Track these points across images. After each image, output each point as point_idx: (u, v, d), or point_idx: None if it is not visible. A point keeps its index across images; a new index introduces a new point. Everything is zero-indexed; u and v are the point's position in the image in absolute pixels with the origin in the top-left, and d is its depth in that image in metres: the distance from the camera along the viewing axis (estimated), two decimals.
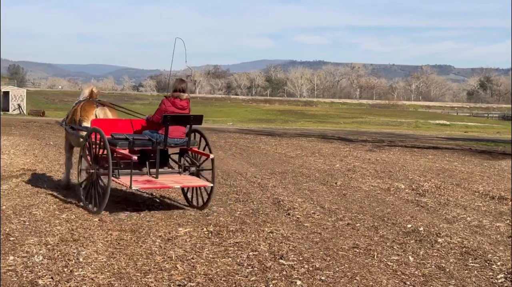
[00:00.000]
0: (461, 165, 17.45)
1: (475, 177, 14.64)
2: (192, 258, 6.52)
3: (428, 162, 18.28)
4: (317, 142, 26.20)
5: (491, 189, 12.36)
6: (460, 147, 25.31)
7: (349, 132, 39.30)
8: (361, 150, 22.23)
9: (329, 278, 6.03)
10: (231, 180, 12.97)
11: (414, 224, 8.80)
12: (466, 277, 6.26)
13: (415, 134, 38.69)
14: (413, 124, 59.18)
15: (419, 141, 29.09)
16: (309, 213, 9.52)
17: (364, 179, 13.78)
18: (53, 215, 8.56)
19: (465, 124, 61.60)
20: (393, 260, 6.83)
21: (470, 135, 40.46)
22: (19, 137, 23.26)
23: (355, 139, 28.83)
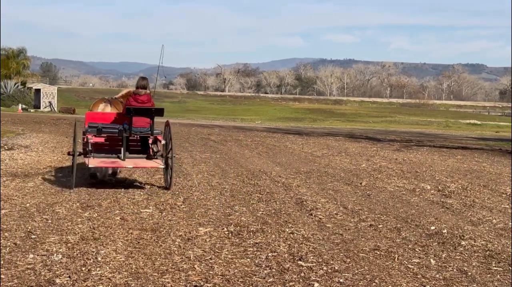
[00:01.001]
0: (489, 166, 17.21)
1: (503, 178, 14.42)
2: (211, 258, 6.50)
3: (456, 162, 18.07)
4: (345, 141, 26.09)
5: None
6: (490, 148, 25.00)
7: (378, 131, 39.05)
8: (388, 149, 22.07)
9: (348, 280, 5.96)
10: (255, 179, 12.95)
11: (437, 226, 8.69)
12: (488, 281, 6.15)
13: (444, 134, 38.30)
14: (443, 123, 58.54)
15: (448, 141, 28.79)
16: (332, 213, 9.45)
17: (390, 179, 13.66)
18: (75, 213, 8.61)
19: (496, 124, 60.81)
20: (414, 263, 6.73)
21: (501, 135, 39.90)
22: (48, 134, 23.57)
23: (383, 139, 28.64)
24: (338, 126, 47.90)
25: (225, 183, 12.27)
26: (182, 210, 9.19)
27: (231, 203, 9.97)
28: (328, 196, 11.20)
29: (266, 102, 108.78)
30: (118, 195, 10.21)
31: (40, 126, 28.82)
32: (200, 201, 10.08)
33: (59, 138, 21.90)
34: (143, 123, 11.16)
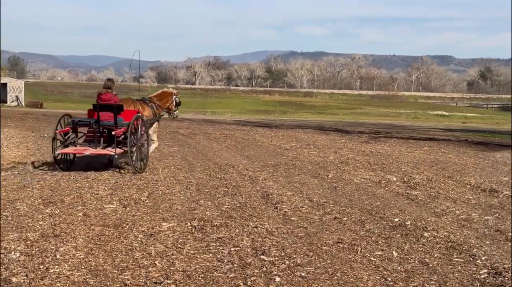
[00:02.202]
0: (455, 157, 17.38)
1: (468, 169, 14.57)
2: (172, 254, 6.44)
3: (422, 154, 18.22)
4: (314, 134, 26.16)
5: (482, 182, 12.29)
6: (456, 139, 25.25)
7: (347, 123, 39.23)
8: (356, 142, 22.17)
9: (309, 274, 5.95)
10: (222, 173, 12.90)
11: (401, 218, 8.73)
12: (449, 273, 6.18)
13: (413, 125, 38.62)
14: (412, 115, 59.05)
15: (416, 133, 29.03)
16: (297, 206, 9.44)
17: (357, 171, 13.71)
18: (37, 209, 8.48)
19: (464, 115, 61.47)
20: (377, 255, 6.75)
21: (468, 126, 40.36)
22: (14, 129, 23.20)
23: (352, 131, 28.77)
24: (308, 119, 48.01)
25: (191, 177, 12.20)
26: (146, 205, 9.11)
27: (197, 198, 9.91)
28: (294, 189, 11.19)
29: (237, 95, 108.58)
30: (82, 190, 10.07)
31: (6, 121, 28.40)
32: (165, 195, 10.00)
33: (25, 133, 21.58)
34: (107, 117, 12.78)
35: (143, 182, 11.19)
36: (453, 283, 5.86)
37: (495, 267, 6.33)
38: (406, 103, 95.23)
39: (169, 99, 15.56)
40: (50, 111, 41.14)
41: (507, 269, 6.19)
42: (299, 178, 12.62)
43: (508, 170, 14.77)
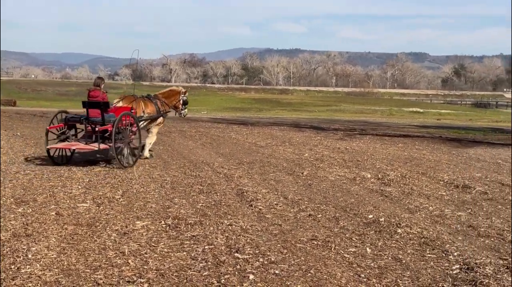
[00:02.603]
0: (429, 154, 17.51)
1: (442, 165, 14.69)
2: (146, 253, 6.41)
3: (397, 150, 18.32)
4: (289, 131, 26.17)
5: (456, 178, 12.40)
6: (431, 135, 25.43)
7: (323, 120, 39.32)
8: (332, 139, 22.23)
9: (283, 271, 5.96)
10: (197, 171, 12.86)
11: (375, 214, 8.77)
12: (422, 269, 6.23)
13: (388, 122, 38.81)
14: (387, 112, 59.36)
15: (391, 129, 29.17)
16: (272, 204, 9.45)
17: (332, 168, 13.75)
18: (9, 209, 8.39)
19: (438, 112, 61.92)
20: (350, 252, 6.78)
21: (442, 122, 40.68)
22: None
23: (327, 128, 28.85)
24: (284, 116, 48.03)
25: (166, 175, 12.15)
26: (120, 204, 9.06)
27: (171, 196, 9.87)
28: (269, 186, 11.20)
29: (213, 92, 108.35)
30: (55, 189, 9.98)
31: None
32: (140, 194, 9.95)
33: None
34: (95, 113, 13.35)
35: (117, 181, 11.13)
36: (425, 278, 5.91)
37: (467, 262, 6.39)
38: (381, 100, 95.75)
39: (176, 97, 16.00)
40: (24, 109, 40.64)
41: (479, 265, 6.26)
42: (274, 175, 12.63)
43: (481, 166, 14.91)
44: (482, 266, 6.22)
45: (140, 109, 14.60)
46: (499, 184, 11.85)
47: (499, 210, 9.37)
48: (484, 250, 6.96)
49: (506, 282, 5.68)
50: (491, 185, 11.78)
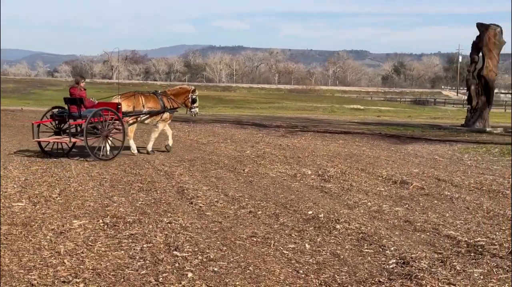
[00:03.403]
0: (369, 150, 17.76)
1: (381, 161, 14.91)
2: (82, 252, 6.31)
3: (337, 147, 18.52)
4: (231, 128, 26.17)
5: (394, 174, 12.60)
6: (370, 132, 25.79)
7: (265, 117, 39.43)
8: (273, 136, 22.33)
9: (222, 269, 5.95)
10: (137, 168, 12.75)
11: (315, 210, 8.84)
12: (359, 264, 6.31)
13: (329, 119, 39.19)
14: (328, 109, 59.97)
15: (332, 126, 29.47)
16: (212, 201, 9.43)
17: (273, 165, 13.80)
18: None
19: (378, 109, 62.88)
20: (289, 248, 6.81)
21: (382, 119, 41.30)
22: None
23: (269, 125, 28.94)
24: (226, 113, 47.99)
25: (105, 173, 12.00)
26: (57, 203, 8.89)
27: (110, 194, 9.75)
28: (210, 183, 11.18)
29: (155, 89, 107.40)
30: None
31: None
32: (78, 192, 9.79)
33: None
34: (74, 109, 14.26)
35: (54, 179, 10.92)
36: (362, 273, 5.98)
37: (403, 257, 6.49)
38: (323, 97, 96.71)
39: (185, 95, 16.59)
40: None
41: (414, 259, 6.37)
42: (216, 172, 12.61)
43: (419, 162, 15.21)
44: (418, 260, 6.33)
45: (140, 104, 15.32)
46: (436, 180, 12.09)
47: (435, 205, 9.56)
48: (420, 244, 7.09)
49: (440, 276, 5.79)
50: (428, 180, 12.02)
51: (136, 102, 15.27)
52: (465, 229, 7.91)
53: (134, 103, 15.23)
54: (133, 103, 15.23)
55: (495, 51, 29.45)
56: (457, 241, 7.25)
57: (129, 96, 15.39)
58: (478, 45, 30.05)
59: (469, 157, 16.66)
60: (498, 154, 17.20)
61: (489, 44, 29.27)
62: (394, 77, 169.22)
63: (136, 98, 15.36)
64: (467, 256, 6.57)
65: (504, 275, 5.86)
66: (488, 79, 29.30)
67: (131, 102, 15.23)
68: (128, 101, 15.21)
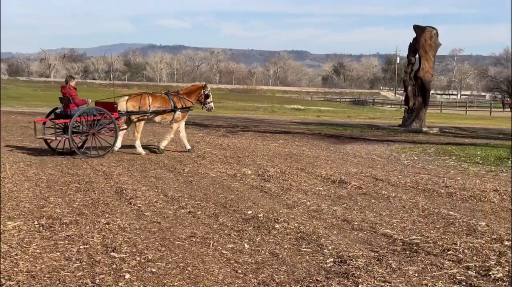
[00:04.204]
0: (308, 150, 17.93)
1: (320, 161, 15.06)
2: (16, 254, 6.16)
3: (278, 147, 18.63)
4: None
5: (333, 173, 12.73)
6: (310, 132, 26.04)
7: (206, 117, 39.28)
8: (214, 135, 22.31)
9: (160, 269, 5.90)
10: (75, 168, 12.54)
11: (254, 210, 8.86)
12: (297, 263, 6.35)
13: (269, 119, 39.37)
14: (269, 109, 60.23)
15: (273, 126, 29.63)
16: (152, 201, 9.35)
17: (213, 165, 13.78)
18: None
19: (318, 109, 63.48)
20: (229, 248, 6.81)
21: (322, 119, 41.71)
22: None
23: (210, 125, 28.88)
24: None
25: (41, 173, 11.76)
26: None
27: (46, 195, 9.56)
28: (149, 183, 11.09)
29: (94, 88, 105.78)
30: None
31: None
32: (12, 193, 9.56)
33: None
34: (66, 108, 14.79)
35: None
36: (300, 272, 6.03)
37: (340, 255, 6.57)
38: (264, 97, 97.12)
39: (198, 92, 16.85)
40: None
41: (351, 257, 6.45)
42: (155, 172, 12.52)
43: (357, 161, 15.43)
44: (355, 258, 6.42)
45: (146, 104, 15.74)
46: (373, 179, 12.29)
47: (372, 204, 9.71)
48: (357, 243, 7.19)
49: (376, 274, 5.89)
50: (366, 180, 12.20)
51: (142, 102, 15.74)
52: (401, 227, 8.06)
53: (140, 103, 15.72)
54: (139, 104, 15.72)
55: (431, 53, 30.10)
56: (393, 239, 7.38)
57: (135, 97, 16.03)
58: (414, 47, 30.66)
59: (406, 157, 17.01)
60: (434, 154, 17.60)
61: (425, 46, 29.91)
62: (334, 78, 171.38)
63: (143, 98, 15.85)
64: (402, 254, 6.70)
65: (438, 272, 5.99)
66: (424, 80, 29.92)
67: (137, 103, 15.74)
68: (133, 102, 15.75)
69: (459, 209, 9.43)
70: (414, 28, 30.54)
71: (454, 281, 5.76)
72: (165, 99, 16.14)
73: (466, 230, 7.89)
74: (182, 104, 16.31)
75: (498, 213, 9.14)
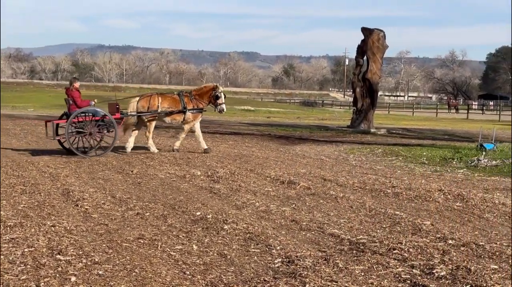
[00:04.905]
0: (258, 151, 17.99)
1: (270, 162, 15.12)
2: None
3: (227, 148, 18.64)
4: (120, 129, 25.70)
5: (282, 174, 12.79)
6: (260, 133, 26.14)
7: None
8: (164, 137, 22.24)
9: (107, 272, 5.84)
10: (20, 170, 12.33)
11: (203, 211, 8.84)
12: (246, 263, 6.37)
13: (219, 120, 39.24)
14: None
15: (223, 127, 29.61)
16: (99, 203, 9.26)
17: (162, 166, 13.71)
18: None
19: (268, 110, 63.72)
20: (177, 249, 6.79)
21: (272, 120, 41.91)
22: None
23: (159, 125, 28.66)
24: None
25: None
26: None
27: None
28: (97, 185, 10.98)
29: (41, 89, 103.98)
30: None
31: None
32: None
33: None
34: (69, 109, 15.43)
35: None
36: (248, 273, 6.04)
37: (288, 255, 6.61)
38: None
39: (209, 93, 16.93)
40: None
41: (299, 257, 6.50)
42: (103, 174, 12.39)
43: (306, 162, 15.55)
44: (302, 258, 6.46)
45: (155, 105, 16.12)
46: (322, 180, 12.39)
47: (320, 204, 9.80)
48: (305, 243, 7.25)
49: (323, 273, 5.94)
50: (315, 180, 12.29)
51: (152, 103, 16.15)
52: (348, 227, 8.16)
53: (149, 104, 16.15)
54: (148, 104, 16.15)
55: (379, 55, 30.54)
56: (341, 239, 7.46)
57: (145, 97, 16.45)
58: (362, 49, 31.07)
59: (354, 158, 17.23)
60: (381, 155, 17.87)
61: (373, 48, 30.33)
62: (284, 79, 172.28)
63: (153, 99, 16.25)
64: (349, 253, 6.78)
65: (384, 271, 6.08)
66: (372, 82, 30.34)
67: (146, 103, 16.19)
68: (143, 102, 16.25)
69: (405, 208, 9.60)
70: (362, 30, 30.95)
71: (399, 279, 5.86)
72: (175, 99, 16.41)
73: (412, 229, 8.03)
74: (193, 105, 16.50)
75: (442, 213, 9.33)
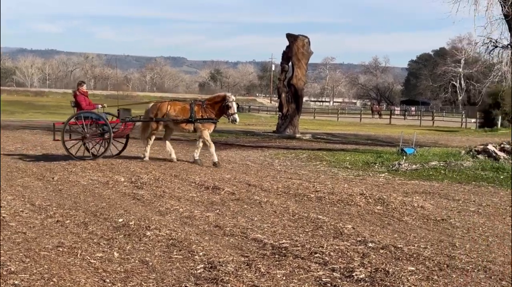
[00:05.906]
0: (183, 156, 17.89)
1: (195, 168, 15.04)
2: None
3: (152, 153, 18.42)
4: (42, 135, 25.24)
5: (207, 180, 12.75)
6: (186, 138, 25.97)
7: None
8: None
9: (24, 281, 5.69)
10: None
11: (126, 218, 8.73)
12: (167, 270, 6.32)
13: None
14: None
15: None
16: (17, 211, 9.03)
17: (84, 173, 13.45)
18: None
19: None
20: (97, 257, 6.67)
21: None
22: None
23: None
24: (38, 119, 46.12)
25: None
26: None
27: None
28: (16, 192, 10.69)
29: None
30: None
31: None
32: None
33: None
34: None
35: None
36: (170, 280, 6.00)
37: (211, 261, 6.60)
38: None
39: (221, 103, 15.83)
40: None
41: (222, 263, 6.49)
42: (22, 181, 12.07)
43: (231, 167, 15.58)
44: (225, 264, 6.46)
45: (164, 111, 16.05)
46: (246, 185, 12.41)
47: (244, 210, 9.82)
48: (228, 248, 7.25)
49: (245, 278, 5.96)
50: (239, 185, 12.30)
51: (160, 111, 16.16)
52: (271, 232, 8.20)
53: (157, 111, 16.21)
54: (156, 111, 16.24)
55: (304, 61, 30.93)
56: (263, 244, 7.50)
57: (155, 104, 16.64)
58: (288, 55, 31.40)
59: (279, 163, 17.36)
60: (306, 159, 18.07)
61: (298, 54, 30.71)
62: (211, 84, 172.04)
63: (163, 105, 16.41)
64: (271, 258, 6.81)
65: (305, 275, 6.14)
66: (297, 87, 30.69)
67: (155, 110, 16.26)
68: (153, 109, 16.34)
69: (328, 212, 9.73)
70: (287, 36, 31.26)
71: (320, 283, 5.93)
72: (185, 108, 15.98)
73: (333, 233, 8.15)
74: (204, 115, 15.80)
75: (363, 216, 9.51)
